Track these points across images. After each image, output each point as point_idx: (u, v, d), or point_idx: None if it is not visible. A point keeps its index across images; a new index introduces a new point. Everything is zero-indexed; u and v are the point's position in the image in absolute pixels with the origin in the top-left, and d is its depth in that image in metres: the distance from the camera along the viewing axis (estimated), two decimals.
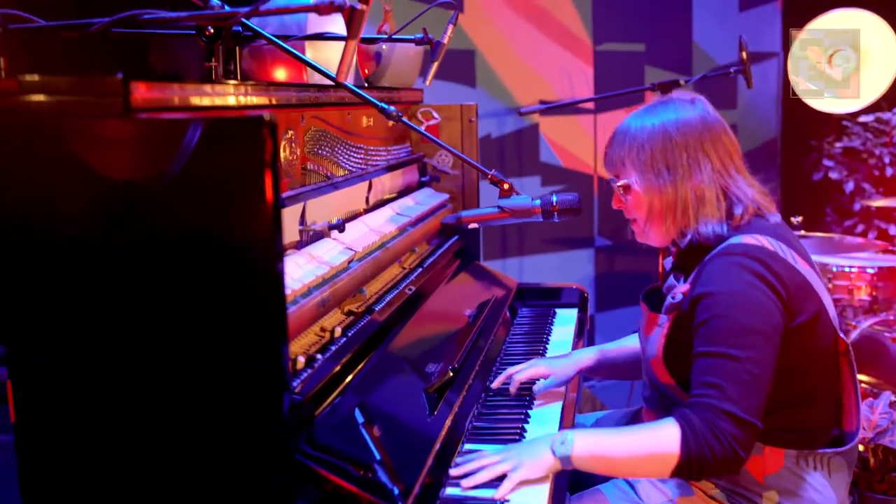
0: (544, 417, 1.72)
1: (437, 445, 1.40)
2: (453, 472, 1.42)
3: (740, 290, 1.40)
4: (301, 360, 1.33)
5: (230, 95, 1.33)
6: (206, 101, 1.25)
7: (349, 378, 1.44)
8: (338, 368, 1.41)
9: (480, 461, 1.42)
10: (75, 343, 1.12)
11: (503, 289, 2.36)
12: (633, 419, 1.83)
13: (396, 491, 1.20)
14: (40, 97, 1.12)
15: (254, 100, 1.42)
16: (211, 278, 1.06)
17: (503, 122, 3.77)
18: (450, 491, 1.38)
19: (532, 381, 1.84)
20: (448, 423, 1.49)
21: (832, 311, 1.51)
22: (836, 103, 4.27)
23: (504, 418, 1.70)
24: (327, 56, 1.88)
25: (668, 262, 1.70)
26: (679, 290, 1.52)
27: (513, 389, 1.78)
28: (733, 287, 1.41)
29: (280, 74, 1.89)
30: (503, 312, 2.22)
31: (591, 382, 3.89)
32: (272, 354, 1.08)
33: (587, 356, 1.87)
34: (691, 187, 1.50)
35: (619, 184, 1.56)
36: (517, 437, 1.60)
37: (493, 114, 3.70)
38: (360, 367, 1.49)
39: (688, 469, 1.36)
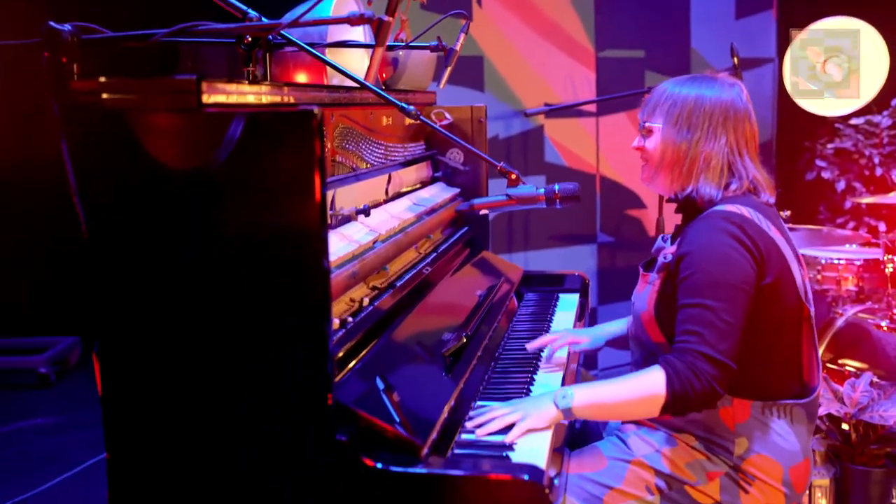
0: (548, 383, 1.93)
1: (453, 398, 1.61)
2: (469, 424, 1.63)
3: (717, 248, 1.61)
4: (336, 321, 1.55)
5: (275, 95, 1.55)
6: (257, 99, 1.47)
7: (376, 340, 1.65)
8: (366, 331, 1.63)
9: (492, 413, 1.63)
10: (154, 319, 1.35)
11: (511, 274, 2.57)
12: None
13: (419, 430, 1.41)
14: (120, 95, 1.34)
15: (292, 98, 1.64)
16: (269, 247, 1.29)
17: (510, 124, 3.99)
18: (465, 437, 1.59)
19: (539, 352, 2.05)
20: (463, 381, 1.70)
21: (800, 280, 1.71)
22: (829, 106, 4.49)
23: (512, 381, 1.90)
24: (343, 61, 2.10)
25: (660, 239, 1.92)
26: (668, 250, 1.73)
27: (546, 352, 2.05)
28: (711, 246, 1.61)
29: (301, 77, 2.11)
30: (511, 294, 2.43)
31: (593, 371, 4.09)
32: (319, 312, 1.30)
33: (611, 327, 2.13)
34: (703, 151, 1.71)
35: (645, 124, 1.78)
36: (523, 397, 1.80)
37: (500, 116, 3.91)
38: (384, 331, 1.70)
39: (673, 406, 1.57)
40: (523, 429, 1.58)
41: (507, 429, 1.60)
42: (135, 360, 1.38)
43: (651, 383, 1.57)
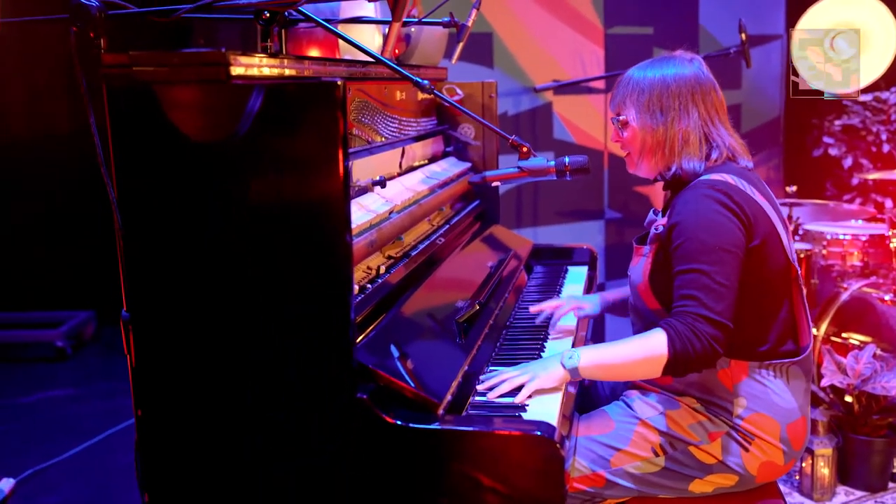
0: (558, 350, 1.99)
1: (467, 363, 1.68)
2: (480, 387, 1.69)
3: (706, 215, 1.67)
4: (355, 288, 1.61)
5: (296, 68, 1.60)
6: (280, 72, 1.52)
7: (392, 306, 1.71)
8: (383, 298, 1.69)
9: (502, 376, 1.70)
10: (183, 288, 1.41)
11: (520, 247, 2.63)
12: None
13: (435, 390, 1.47)
14: (150, 68, 1.39)
15: (312, 72, 1.69)
16: (293, 217, 1.35)
17: (519, 101, 4.03)
18: (478, 398, 1.66)
19: (549, 320, 2.12)
20: (476, 346, 1.76)
21: (787, 241, 1.78)
22: (837, 83, 4.50)
23: (523, 347, 1.97)
24: (354, 37, 2.15)
25: (650, 216, 1.98)
26: (659, 222, 1.79)
27: (551, 319, 2.12)
28: (700, 213, 1.68)
29: (314, 54, 2.15)
30: (521, 266, 2.49)
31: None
32: (341, 280, 1.36)
33: (610, 294, 2.20)
34: (679, 130, 1.77)
35: (619, 118, 1.84)
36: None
37: (509, 93, 3.95)
38: (400, 298, 1.76)
39: (674, 366, 1.63)
40: (532, 388, 1.65)
41: (517, 391, 1.66)
42: (166, 328, 1.44)
43: (653, 344, 1.63)
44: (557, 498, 1.36)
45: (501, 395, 1.65)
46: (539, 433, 1.36)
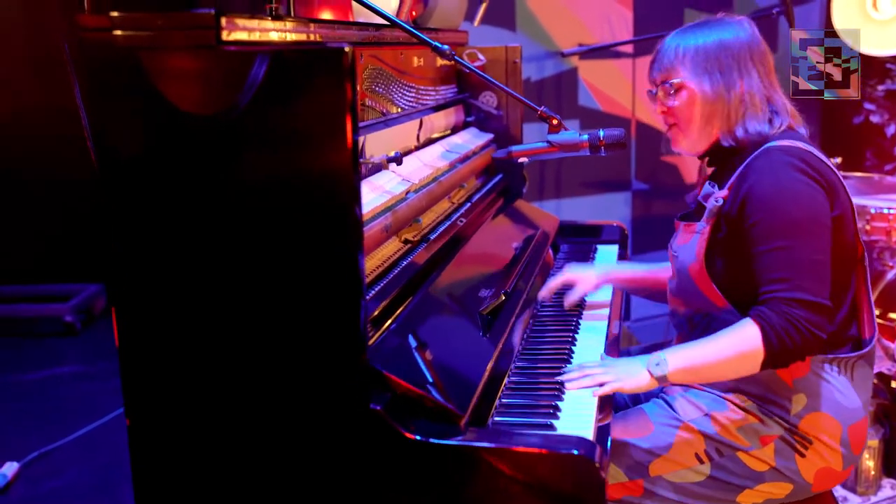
0: (590, 343, 1.82)
1: (492, 362, 1.51)
2: (558, 378, 1.55)
3: (787, 184, 1.51)
4: (367, 279, 1.44)
5: (301, 32, 1.42)
6: (281, 37, 1.34)
7: (410, 299, 1.55)
8: (399, 289, 1.52)
9: (584, 370, 1.55)
10: (170, 273, 1.24)
11: (547, 225, 2.45)
12: None
13: (458, 398, 1.31)
14: (133, 32, 1.21)
15: (318, 36, 1.51)
16: (295, 198, 1.17)
17: (542, 66, 3.81)
18: (504, 400, 1.50)
19: (580, 307, 1.95)
20: (502, 341, 1.60)
21: (854, 216, 1.61)
22: (880, 44, 4.24)
23: (552, 340, 1.80)
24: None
25: (692, 196, 1.80)
26: (719, 194, 1.60)
27: (566, 303, 1.96)
28: (780, 183, 1.51)
29: (325, 15, 1.97)
30: (547, 246, 2.31)
31: (626, 323, 3.98)
32: (350, 269, 1.19)
33: (616, 267, 2.06)
34: (743, 90, 1.61)
35: (672, 81, 1.65)
36: (565, 358, 1.70)
37: (532, 57, 3.73)
38: (418, 289, 1.60)
39: (773, 361, 1.47)
40: (613, 390, 1.50)
41: (556, 391, 1.50)
42: (151, 318, 1.28)
43: (746, 341, 1.46)
44: None
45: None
46: (577, 452, 1.19)
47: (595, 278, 1.99)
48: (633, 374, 1.52)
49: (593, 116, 3.94)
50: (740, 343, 1.47)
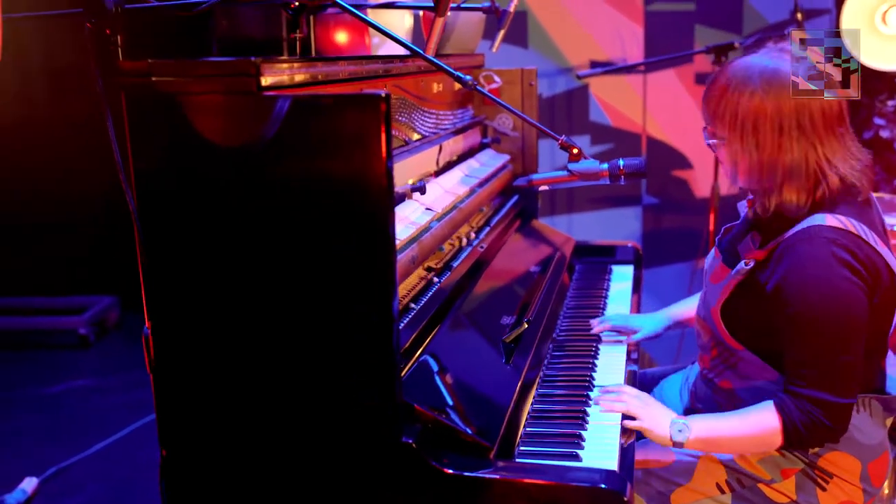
0: (610, 367, 1.84)
1: (517, 391, 1.54)
2: (591, 393, 1.61)
3: (831, 282, 1.43)
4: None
5: (331, 69, 1.45)
6: (313, 77, 1.37)
7: (436, 329, 1.58)
8: (426, 320, 1.55)
9: (622, 393, 1.59)
10: (215, 305, 1.28)
11: (563, 246, 2.48)
12: (703, 383, 1.81)
13: (487, 430, 1.34)
14: (171, 78, 1.24)
15: (347, 73, 1.54)
16: (332, 242, 1.21)
17: (554, 82, 3.84)
18: (528, 429, 1.52)
19: (597, 337, 1.97)
20: (525, 369, 1.62)
21: (894, 266, 1.52)
22: (890, 59, 4.26)
23: (572, 366, 1.82)
24: (383, 20, 1.99)
25: (743, 205, 1.73)
26: (752, 255, 1.57)
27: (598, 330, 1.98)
28: (822, 279, 1.44)
29: (342, 38, 1.99)
30: (563, 268, 2.34)
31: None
32: (385, 306, 1.22)
33: (677, 310, 2.03)
34: (780, 162, 1.49)
35: (710, 141, 1.59)
36: (587, 385, 1.72)
37: (544, 74, 3.77)
38: (443, 319, 1.62)
39: (790, 447, 1.54)
40: (637, 428, 1.55)
41: (579, 419, 1.54)
42: (187, 345, 1.31)
43: (767, 427, 1.50)
44: None
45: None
46: (605, 486, 1.22)
47: (662, 329, 2.00)
48: (656, 427, 1.55)
49: (604, 132, 3.97)
50: (760, 427, 1.51)
